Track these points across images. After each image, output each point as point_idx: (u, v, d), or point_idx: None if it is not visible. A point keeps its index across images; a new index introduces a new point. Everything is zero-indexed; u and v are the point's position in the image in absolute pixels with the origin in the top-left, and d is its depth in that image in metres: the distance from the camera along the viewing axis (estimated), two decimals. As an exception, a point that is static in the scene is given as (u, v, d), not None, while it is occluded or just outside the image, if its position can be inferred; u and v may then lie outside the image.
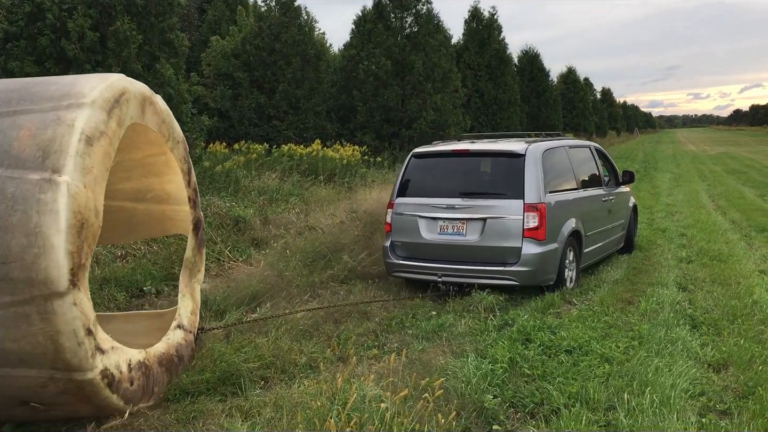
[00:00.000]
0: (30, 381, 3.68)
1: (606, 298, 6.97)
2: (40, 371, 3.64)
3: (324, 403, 3.88)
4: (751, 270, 8.30)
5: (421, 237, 7.38)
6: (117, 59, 9.89)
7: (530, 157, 7.23)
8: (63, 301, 3.51)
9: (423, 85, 20.38)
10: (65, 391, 3.75)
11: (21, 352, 3.57)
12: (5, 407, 3.87)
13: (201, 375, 4.56)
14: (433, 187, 7.59)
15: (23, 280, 3.44)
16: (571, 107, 44.68)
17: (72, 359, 3.61)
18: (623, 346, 5.35)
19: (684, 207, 15.29)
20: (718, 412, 4.28)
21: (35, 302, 3.47)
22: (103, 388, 3.81)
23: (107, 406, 3.93)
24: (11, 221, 3.44)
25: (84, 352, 3.65)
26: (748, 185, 20.71)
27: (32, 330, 3.52)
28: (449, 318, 6.21)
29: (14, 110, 3.79)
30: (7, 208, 3.45)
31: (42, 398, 3.78)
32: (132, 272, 7.08)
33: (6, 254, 3.42)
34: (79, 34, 9.54)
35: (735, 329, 5.85)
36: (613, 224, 9.09)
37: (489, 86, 28.05)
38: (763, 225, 12.04)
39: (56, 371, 3.65)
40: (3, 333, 3.52)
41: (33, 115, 3.75)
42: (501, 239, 7.03)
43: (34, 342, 3.54)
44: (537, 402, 4.34)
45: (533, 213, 6.94)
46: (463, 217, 7.18)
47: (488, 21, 29.43)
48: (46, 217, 3.46)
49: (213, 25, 23.01)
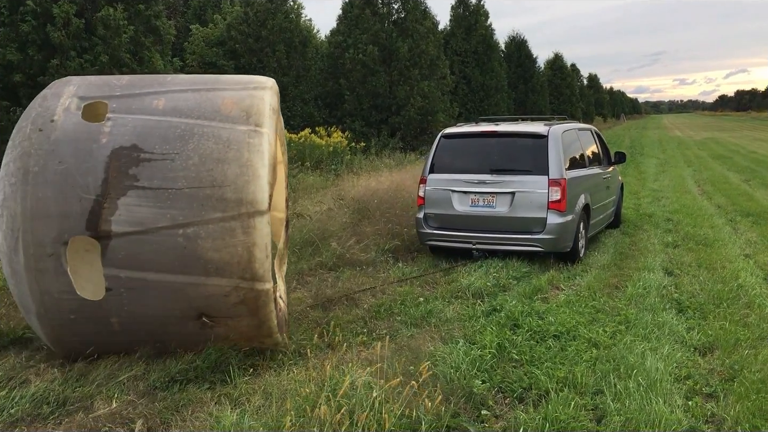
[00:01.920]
0: (217, 290, 4.37)
1: (593, 283, 7.02)
2: (229, 280, 4.35)
3: (313, 390, 3.88)
4: (736, 254, 8.37)
5: (453, 209, 8.18)
6: (106, 47, 9.78)
7: (552, 137, 8.06)
8: (262, 219, 4.36)
9: (410, 71, 20.32)
10: (243, 301, 4.44)
11: (220, 261, 4.31)
12: (180, 320, 4.48)
13: (190, 363, 4.55)
14: (464, 164, 8.34)
15: (234, 200, 4.31)
16: (558, 93, 44.77)
17: (259, 269, 4.38)
18: (610, 331, 5.39)
19: (670, 192, 15.38)
20: (704, 395, 4.33)
21: (241, 218, 4.31)
22: (271, 300, 4.53)
23: (266, 323, 4.60)
24: (227, 156, 4.38)
25: (268, 265, 4.43)
26: (733, 170, 20.85)
27: (234, 241, 4.31)
28: (438, 304, 6.23)
29: (213, 88, 4.83)
30: (224, 147, 4.41)
31: (219, 309, 4.46)
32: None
33: (222, 179, 4.32)
34: (64, 20, 9.42)
35: (720, 313, 5.90)
36: (609, 199, 10.01)
37: (476, 72, 28.03)
38: (748, 210, 12.14)
39: (242, 280, 4.37)
40: (209, 243, 4.27)
41: (229, 92, 4.79)
42: (528, 210, 7.84)
43: (233, 252, 4.31)
44: (525, 387, 4.37)
45: (556, 187, 7.77)
46: (493, 191, 8.01)
47: (475, 7, 29.39)
48: (254, 155, 4.42)
49: (198, 11, 22.79)
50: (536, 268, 7.70)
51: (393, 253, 8.48)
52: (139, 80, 5.01)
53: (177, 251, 4.28)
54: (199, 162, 4.35)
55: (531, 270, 7.59)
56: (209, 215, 4.29)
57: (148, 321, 4.50)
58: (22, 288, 4.32)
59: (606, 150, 10.35)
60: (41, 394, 4.12)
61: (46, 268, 4.24)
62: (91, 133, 4.39)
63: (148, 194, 4.28)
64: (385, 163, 16.14)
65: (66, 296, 4.30)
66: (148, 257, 4.28)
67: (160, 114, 4.52)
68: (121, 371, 4.41)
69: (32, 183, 4.23)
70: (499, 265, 7.72)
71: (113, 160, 4.30)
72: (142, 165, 4.32)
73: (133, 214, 4.25)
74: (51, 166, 4.26)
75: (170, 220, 4.27)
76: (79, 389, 4.21)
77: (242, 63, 18.11)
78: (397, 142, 19.71)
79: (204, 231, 4.28)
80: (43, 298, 4.30)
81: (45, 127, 4.38)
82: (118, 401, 4.08)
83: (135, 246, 4.26)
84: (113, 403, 4.05)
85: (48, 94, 4.64)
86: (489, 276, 7.21)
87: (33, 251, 4.21)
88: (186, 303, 4.42)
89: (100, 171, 4.28)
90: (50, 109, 4.49)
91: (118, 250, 4.26)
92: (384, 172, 13.90)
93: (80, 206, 4.23)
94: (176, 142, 4.40)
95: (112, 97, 4.63)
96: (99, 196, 4.24)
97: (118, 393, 4.18)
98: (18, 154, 4.33)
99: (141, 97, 4.66)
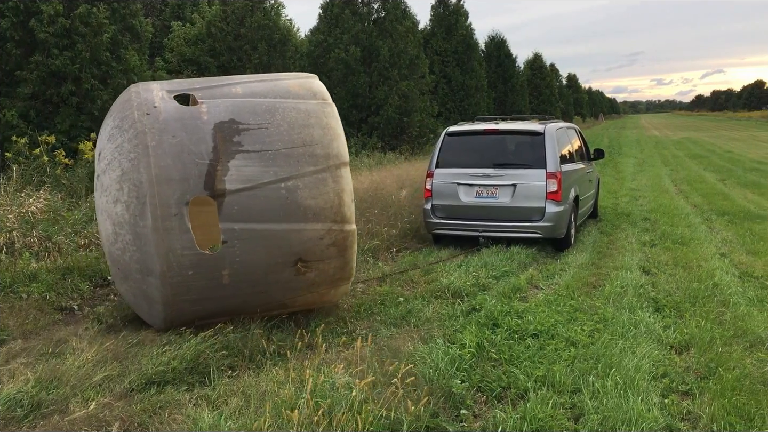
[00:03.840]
0: (314, 234, 5.16)
1: (571, 282, 7.07)
2: (323, 224, 5.17)
3: (292, 391, 3.86)
4: (712, 253, 8.47)
5: (459, 200, 8.92)
6: (86, 45, 9.67)
7: (548, 134, 8.87)
8: (346, 169, 5.34)
9: (389, 71, 20.31)
10: (334, 243, 5.27)
11: (316, 207, 5.13)
12: (281, 267, 5.16)
13: (168, 364, 4.51)
14: (468, 159, 9.07)
15: (323, 155, 5.22)
16: (537, 93, 45.02)
17: (347, 212, 5.30)
18: (588, 330, 5.43)
19: (648, 191, 15.54)
20: (681, 392, 4.37)
21: (330, 170, 5.21)
22: (355, 241, 5.45)
23: (349, 263, 5.51)
24: (310, 122, 5.28)
25: (353, 208, 5.36)
26: (709, 170, 21.12)
27: (326, 189, 5.18)
28: (417, 304, 6.23)
29: (274, 79, 5.71)
30: (305, 116, 5.30)
31: (314, 252, 5.21)
32: (96, 261, 6.93)
33: (311, 140, 5.20)
34: (51, 18, 9.31)
35: (696, 311, 5.97)
36: (591, 192, 10.96)
37: (456, 72, 28.08)
38: (723, 209, 12.30)
39: (334, 223, 5.22)
40: (307, 192, 5.09)
41: (289, 80, 5.68)
42: (528, 201, 8.61)
43: (327, 198, 5.18)
44: (504, 386, 4.38)
45: (553, 180, 8.55)
46: (496, 184, 8.75)
47: (455, 7, 29.42)
48: (331, 119, 5.42)
49: (176, 9, 22.58)
50: (515, 268, 7.74)
51: (373, 253, 8.47)
52: (210, 79, 5.69)
53: (281, 202, 5.04)
54: (288, 128, 5.18)
55: (510, 269, 7.62)
56: (304, 169, 5.12)
57: (253, 270, 5.10)
58: (147, 249, 4.81)
59: (587, 147, 11.13)
60: (14, 396, 4.05)
61: (172, 227, 4.79)
62: (192, 112, 5.08)
63: (252, 156, 5.01)
64: (364, 163, 16.13)
65: (187, 252, 4.84)
66: (257, 209, 4.97)
67: (241, 97, 5.28)
68: (95, 372, 4.36)
69: (153, 155, 4.80)
70: (478, 264, 7.75)
71: (218, 131, 4.99)
72: (243, 133, 5.05)
73: (242, 173, 4.94)
74: (166, 139, 4.86)
75: (273, 175, 5.02)
76: (54, 391, 4.14)
77: (222, 61, 17.97)
78: (375, 141, 19.69)
79: (302, 182, 5.10)
80: (168, 256, 4.81)
81: (151, 111, 4.98)
82: (94, 403, 4.02)
83: (246, 200, 4.94)
84: (89, 405, 4.00)
85: (138, 91, 5.18)
86: (469, 275, 7.23)
87: (160, 212, 4.76)
88: (288, 249, 5.13)
89: (209, 140, 4.94)
90: (149, 99, 5.07)
91: (232, 205, 4.91)
92: (364, 171, 13.89)
93: (197, 170, 4.85)
94: (265, 114, 5.19)
95: (193, 90, 5.33)
96: (212, 160, 4.89)
97: (93, 395, 4.13)
98: (132, 135, 4.89)
99: (219, 87, 5.38)
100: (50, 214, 7.66)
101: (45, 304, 5.91)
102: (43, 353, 4.78)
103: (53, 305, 5.97)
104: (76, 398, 4.09)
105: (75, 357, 4.60)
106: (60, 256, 6.96)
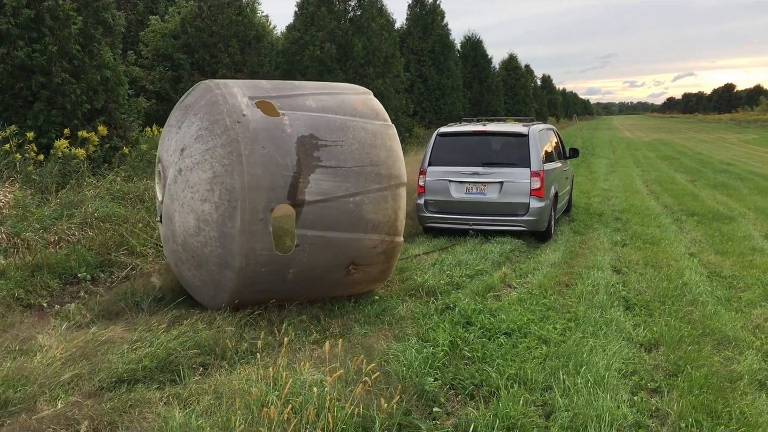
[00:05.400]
0: (370, 243, 5.81)
1: (544, 281, 7.13)
2: (379, 235, 5.84)
3: (263, 389, 3.85)
4: (681, 253, 8.60)
5: (451, 196, 9.59)
6: (54, 38, 9.50)
7: (532, 136, 9.60)
8: (403, 189, 5.99)
9: (365, 69, 20.29)
10: (384, 251, 5.96)
11: (376, 220, 5.76)
12: (336, 268, 5.76)
13: (138, 362, 4.46)
14: (459, 158, 9.74)
15: (386, 175, 5.83)
16: (512, 93, 45.26)
17: (399, 226, 6.01)
18: (560, 328, 5.48)
19: (619, 192, 15.72)
20: (649, 390, 4.43)
21: (391, 189, 5.85)
22: (399, 250, 6.29)
23: (390, 268, 6.28)
24: (376, 143, 5.85)
25: (404, 222, 6.09)
26: (680, 171, 21.43)
27: (386, 206, 5.83)
28: (392, 302, 6.23)
29: (338, 92, 6.23)
30: (372, 136, 5.85)
31: (366, 257, 5.86)
32: (66, 258, 6.83)
33: (377, 160, 5.78)
34: (14, 9, 9.13)
35: (666, 310, 6.06)
36: (567, 188, 11.72)
37: (432, 71, 28.16)
38: (693, 209, 12.50)
39: (386, 235, 5.90)
40: (370, 207, 5.70)
41: (351, 95, 6.24)
42: (514, 197, 9.31)
43: (385, 213, 5.83)
44: (476, 384, 4.41)
45: (537, 177, 9.26)
46: (485, 181, 9.46)
47: (431, 6, 29.49)
48: (393, 142, 6.04)
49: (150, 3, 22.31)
50: (489, 267, 7.78)
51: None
52: (281, 84, 6.12)
53: (348, 214, 5.61)
54: (359, 147, 5.70)
55: (484, 268, 7.66)
56: (370, 186, 5.70)
57: (313, 270, 5.66)
58: (231, 248, 5.28)
59: (564, 147, 11.87)
60: (-19, 396, 3.98)
61: (257, 230, 5.26)
62: (277, 124, 5.46)
63: (329, 171, 5.51)
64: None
65: (264, 252, 5.33)
66: (328, 219, 5.52)
67: (315, 111, 5.71)
68: (64, 370, 4.29)
69: (246, 163, 5.20)
70: (452, 263, 7.78)
71: (300, 145, 5.44)
72: (321, 149, 5.52)
73: (319, 186, 5.45)
74: (257, 150, 5.27)
75: (344, 190, 5.56)
76: (21, 389, 4.08)
77: (196, 58, 17.78)
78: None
79: (367, 198, 5.68)
80: (248, 254, 5.30)
81: (241, 119, 5.33)
82: (63, 402, 3.97)
83: (320, 210, 5.48)
84: (57, 404, 3.94)
85: (224, 94, 5.49)
86: (443, 274, 7.26)
87: (248, 217, 5.21)
88: (346, 254, 5.73)
89: (293, 153, 5.39)
90: (236, 105, 5.40)
91: (308, 214, 5.44)
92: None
93: (283, 181, 5.31)
94: (339, 132, 5.66)
95: (270, 98, 5.67)
96: (296, 173, 5.36)
97: (62, 393, 4.07)
98: (225, 141, 5.26)
99: (293, 97, 5.79)
100: (19, 210, 7.52)
101: (13, 301, 5.81)
102: (11, 351, 4.70)
103: (22, 303, 5.88)
104: (44, 396, 4.02)
105: (43, 355, 4.53)
106: (29, 252, 6.84)
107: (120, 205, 8.54)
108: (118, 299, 5.99)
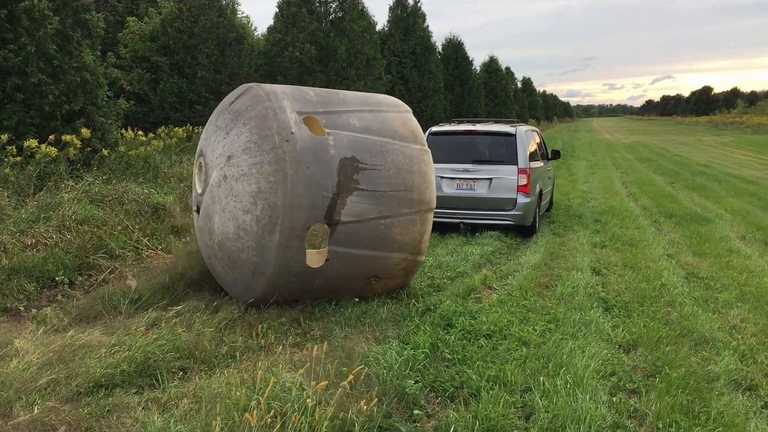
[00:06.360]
0: (394, 260, 6.14)
1: (524, 282, 7.16)
2: (403, 254, 6.15)
3: (244, 393, 3.83)
4: (659, 254, 8.69)
5: (442, 191, 9.90)
6: (31, 38, 9.38)
7: (519, 135, 10.21)
8: (431, 214, 6.32)
9: (347, 71, 20.27)
10: (404, 267, 6.29)
11: (403, 242, 6.08)
12: (359, 280, 6.09)
13: (116, 366, 4.41)
14: (450, 155, 10.24)
15: (418, 200, 6.10)
16: (493, 96, 45.42)
17: (423, 247, 6.35)
18: (540, 330, 5.51)
19: (599, 194, 15.85)
20: (628, 390, 4.47)
21: (420, 213, 6.14)
22: (419, 267, 6.71)
23: (408, 281, 6.60)
24: (412, 168, 6.07)
25: (426, 243, 6.42)
26: (658, 173, 21.65)
27: (414, 228, 6.12)
28: (373, 304, 6.21)
29: (380, 110, 6.36)
30: (408, 161, 6.06)
31: (387, 272, 6.19)
32: (43, 261, 6.74)
33: (411, 185, 6.03)
34: None
35: (644, 311, 6.12)
36: (549, 187, 12.39)
37: (414, 74, 28.17)
38: (671, 211, 12.63)
39: (410, 254, 6.22)
40: (399, 230, 6.00)
41: (392, 113, 6.40)
42: (502, 192, 9.90)
43: (413, 236, 6.13)
44: (457, 386, 4.42)
45: (523, 174, 9.85)
46: (475, 177, 10.04)
47: (413, 8, 29.51)
48: (427, 167, 6.25)
49: (129, 4, 22.13)
50: (470, 268, 7.80)
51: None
52: (326, 97, 6.20)
53: (378, 234, 5.90)
54: (395, 172, 5.95)
55: (465, 270, 7.69)
56: (401, 210, 5.98)
57: (339, 281, 5.96)
58: (267, 258, 5.53)
59: (546, 148, 12.47)
60: (-45, 402, 3.92)
61: (293, 246, 5.52)
62: (323, 144, 5.63)
63: (365, 194, 5.75)
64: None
65: (296, 264, 5.60)
66: (359, 238, 5.80)
67: (359, 131, 5.92)
68: (41, 375, 4.24)
69: (290, 183, 5.39)
70: (433, 265, 7.80)
71: (342, 167, 5.64)
72: (361, 173, 5.75)
73: (355, 208, 5.69)
74: (301, 170, 5.45)
75: (378, 213, 5.84)
76: (-3, 396, 4.03)
77: (176, 60, 17.65)
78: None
79: (397, 221, 5.97)
80: (282, 265, 5.55)
81: (289, 138, 5.48)
82: (39, 407, 3.92)
83: (352, 230, 5.74)
84: (34, 409, 3.89)
85: (274, 108, 5.61)
86: (424, 276, 7.27)
87: (287, 233, 5.46)
88: (370, 268, 6.05)
89: (334, 176, 5.59)
90: (285, 122, 5.54)
91: (341, 233, 5.70)
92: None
93: (322, 201, 5.52)
94: (378, 155, 5.89)
95: (317, 113, 5.83)
96: (335, 195, 5.58)
97: (39, 399, 4.02)
98: (272, 158, 5.43)
99: (338, 114, 5.97)
100: (-5, 212, 7.42)
101: (-12, 305, 5.73)
102: (-14, 356, 4.63)
103: (-3, 307, 5.79)
104: (20, 402, 3.97)
105: (20, 359, 4.47)
106: (5, 256, 6.74)
107: (98, 207, 8.45)
108: (95, 302, 5.92)
